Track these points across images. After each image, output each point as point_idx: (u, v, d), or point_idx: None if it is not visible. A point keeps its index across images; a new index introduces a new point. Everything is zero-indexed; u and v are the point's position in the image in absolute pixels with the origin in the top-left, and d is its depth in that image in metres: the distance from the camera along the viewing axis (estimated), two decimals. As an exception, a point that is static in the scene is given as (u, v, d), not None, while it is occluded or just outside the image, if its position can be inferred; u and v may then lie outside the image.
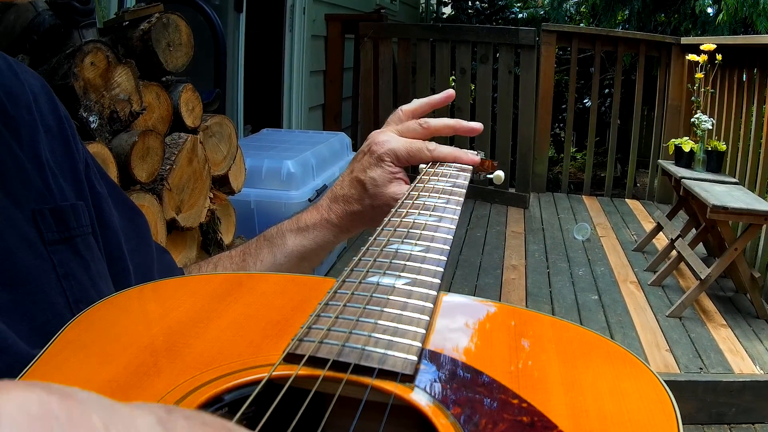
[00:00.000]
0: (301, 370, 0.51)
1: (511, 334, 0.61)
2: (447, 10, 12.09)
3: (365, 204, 1.08)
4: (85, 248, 0.80)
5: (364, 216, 1.09)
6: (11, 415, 0.28)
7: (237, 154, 2.98)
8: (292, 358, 0.53)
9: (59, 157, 0.83)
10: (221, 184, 2.95)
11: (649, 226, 5.68)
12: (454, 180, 0.99)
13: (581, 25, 9.79)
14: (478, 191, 6.51)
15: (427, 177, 1.01)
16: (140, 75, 2.30)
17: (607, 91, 8.62)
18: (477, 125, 1.15)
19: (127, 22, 2.43)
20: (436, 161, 1.09)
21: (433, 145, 1.10)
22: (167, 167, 2.43)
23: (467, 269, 4.81)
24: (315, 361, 0.52)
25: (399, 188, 1.06)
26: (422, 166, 1.09)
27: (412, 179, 0.98)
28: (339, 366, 0.52)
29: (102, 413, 0.30)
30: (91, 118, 2.08)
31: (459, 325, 0.63)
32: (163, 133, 2.45)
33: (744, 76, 5.18)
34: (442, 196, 0.91)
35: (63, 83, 1.99)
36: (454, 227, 0.80)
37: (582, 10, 10.11)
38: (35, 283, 0.72)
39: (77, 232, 0.79)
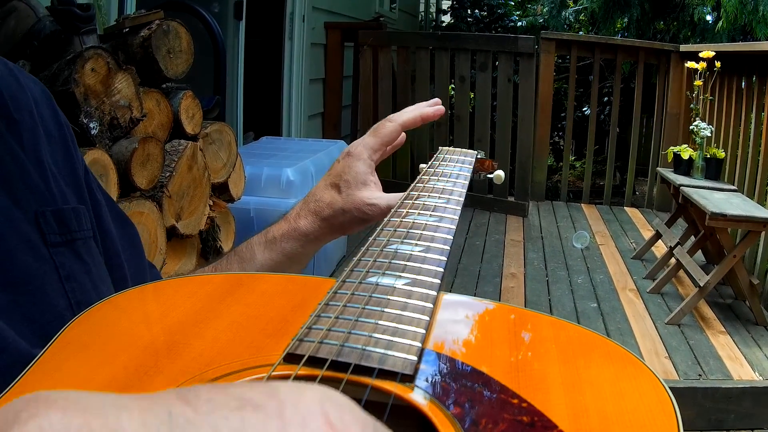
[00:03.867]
0: (301, 370, 0.51)
1: (511, 333, 0.61)
2: (446, 19, 12.13)
3: (336, 208, 1.07)
4: (87, 252, 0.80)
5: (334, 221, 1.08)
6: None
7: (237, 162, 2.98)
8: (291, 358, 0.52)
9: (60, 162, 0.83)
10: (221, 191, 2.95)
11: (648, 234, 5.68)
12: (454, 180, 0.99)
13: (580, 33, 9.80)
14: (478, 200, 6.51)
15: (427, 177, 1.01)
16: (140, 82, 2.31)
17: (606, 99, 8.62)
18: (435, 100, 1.17)
19: (127, 29, 2.43)
20: (405, 128, 1.10)
21: (394, 116, 1.11)
22: (167, 174, 2.43)
23: (466, 277, 4.81)
24: (315, 361, 0.52)
25: (370, 193, 1.06)
26: (422, 165, 1.09)
27: (403, 186, 0.98)
28: (339, 366, 0.52)
29: (114, 421, 0.31)
30: (91, 125, 2.08)
31: (459, 325, 0.63)
32: (163, 140, 2.45)
33: (743, 83, 5.18)
34: (442, 196, 0.91)
35: (64, 89, 1.99)
36: (455, 227, 0.80)
37: (581, 18, 10.12)
38: (37, 284, 0.72)
39: (79, 235, 0.79)
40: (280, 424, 0.31)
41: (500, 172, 1.14)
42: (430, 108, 1.15)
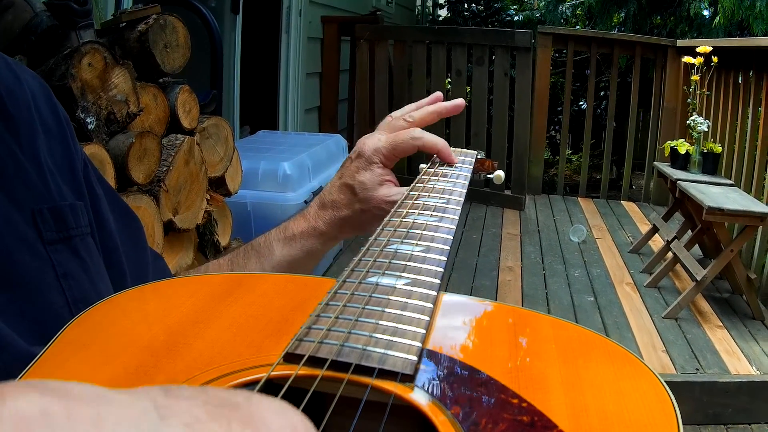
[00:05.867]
0: (301, 370, 0.51)
1: (511, 333, 0.61)
2: (443, 13, 12.11)
3: (355, 209, 1.07)
4: (84, 248, 0.79)
5: (353, 221, 1.08)
6: (8, 421, 0.29)
7: (233, 156, 2.98)
8: (292, 358, 0.53)
9: (58, 158, 0.82)
10: (218, 185, 2.95)
11: (644, 227, 5.68)
12: (454, 180, 0.99)
13: (577, 27, 9.79)
14: (474, 193, 6.51)
15: (427, 177, 1.01)
16: (137, 76, 2.30)
17: (602, 93, 8.63)
18: (459, 101, 1.15)
19: (124, 24, 2.43)
20: (421, 150, 1.09)
21: (418, 133, 1.08)
22: (164, 168, 2.43)
23: (463, 271, 4.81)
24: (315, 361, 0.52)
25: (388, 191, 1.06)
26: (422, 165, 1.09)
27: (408, 181, 0.98)
28: (339, 366, 0.52)
29: (97, 407, 0.31)
30: (88, 119, 2.08)
31: (459, 325, 0.63)
32: (160, 135, 2.45)
33: (740, 78, 5.19)
34: (442, 196, 0.91)
35: (60, 84, 1.99)
36: (455, 227, 0.80)
37: (578, 12, 10.11)
38: (34, 282, 0.72)
39: (76, 232, 0.79)
40: (257, 426, 0.33)
41: (500, 173, 1.14)
42: (447, 105, 1.14)
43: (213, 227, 2.90)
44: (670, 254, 4.55)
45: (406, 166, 5.49)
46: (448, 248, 0.74)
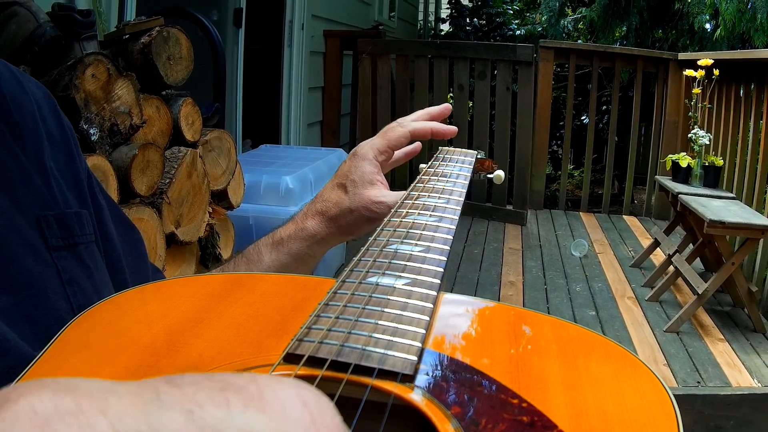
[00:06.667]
0: (301, 370, 0.51)
1: (511, 333, 0.61)
2: (445, 27, 12.13)
3: (343, 207, 1.08)
4: (89, 256, 0.80)
5: (340, 221, 1.08)
6: (25, 418, 0.30)
7: (236, 169, 2.98)
8: (291, 357, 0.52)
9: (62, 166, 0.83)
10: (220, 198, 2.94)
11: (646, 242, 5.68)
12: (454, 180, 1.00)
13: (579, 41, 9.80)
14: (476, 208, 6.51)
15: (427, 177, 1.01)
16: (140, 88, 2.31)
17: (604, 107, 8.63)
18: (453, 128, 1.17)
19: (127, 36, 2.43)
20: (413, 136, 1.11)
21: (405, 121, 1.12)
22: (167, 181, 2.43)
23: (465, 286, 4.81)
24: (315, 361, 0.52)
25: (378, 192, 1.06)
26: (422, 165, 1.09)
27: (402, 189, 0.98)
28: (339, 366, 0.52)
29: (104, 400, 0.33)
30: (91, 131, 2.08)
31: (459, 324, 0.63)
32: (162, 147, 2.46)
33: (741, 91, 5.19)
34: (442, 196, 0.92)
35: (64, 95, 1.99)
36: (455, 227, 0.80)
37: (580, 26, 10.12)
38: (39, 287, 0.72)
39: (81, 239, 0.79)
40: (261, 405, 0.34)
41: (500, 172, 1.15)
42: (442, 126, 1.15)
43: (215, 240, 2.90)
44: (671, 268, 4.55)
45: (408, 175, 5.50)
46: (448, 248, 0.74)
